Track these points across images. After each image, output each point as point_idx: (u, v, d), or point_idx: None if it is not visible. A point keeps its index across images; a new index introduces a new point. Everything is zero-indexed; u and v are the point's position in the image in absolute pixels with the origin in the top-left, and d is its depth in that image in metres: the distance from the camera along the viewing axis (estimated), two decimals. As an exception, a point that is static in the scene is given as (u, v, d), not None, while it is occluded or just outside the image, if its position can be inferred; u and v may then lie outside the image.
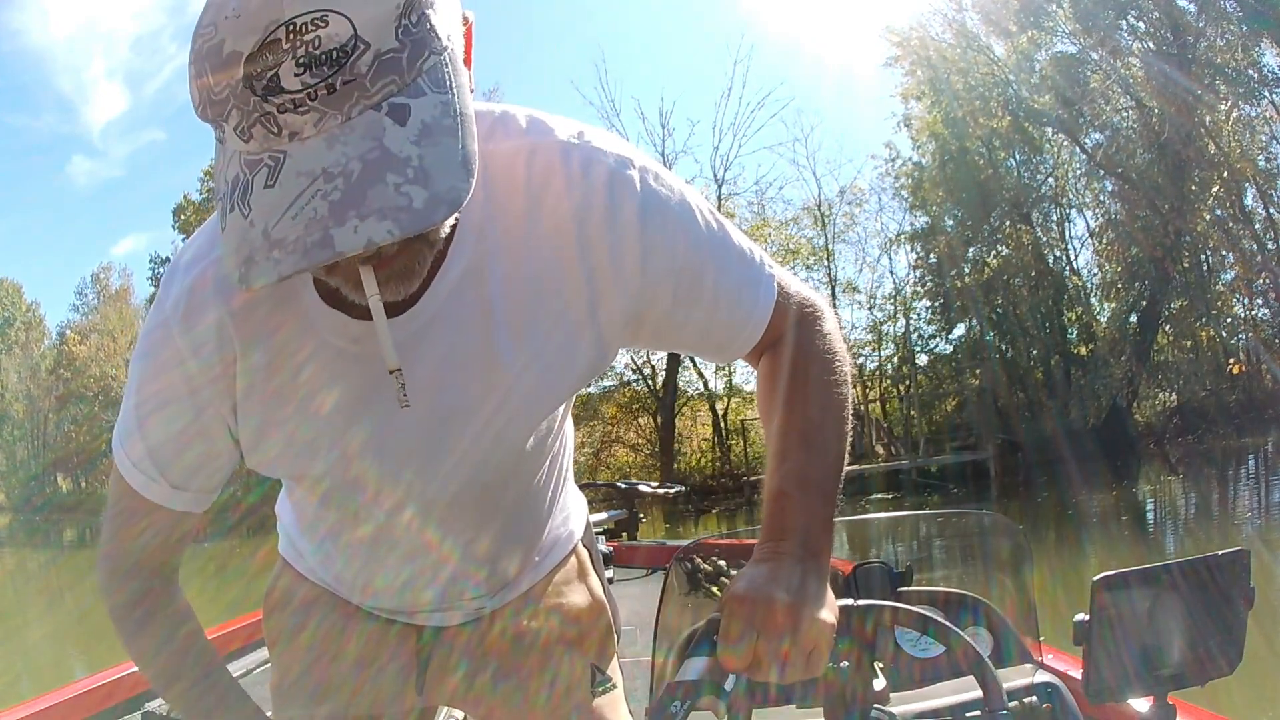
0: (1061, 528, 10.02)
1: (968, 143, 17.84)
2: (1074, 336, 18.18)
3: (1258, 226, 16.08)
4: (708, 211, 0.80)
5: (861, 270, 20.25)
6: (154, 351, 0.77)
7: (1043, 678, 1.03)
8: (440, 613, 1.01)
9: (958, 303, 18.38)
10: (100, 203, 47.53)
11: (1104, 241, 17.96)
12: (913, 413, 19.50)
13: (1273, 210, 15.87)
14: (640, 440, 20.14)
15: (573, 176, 0.74)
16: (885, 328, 19.89)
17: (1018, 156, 18.36)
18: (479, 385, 0.79)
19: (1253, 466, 13.50)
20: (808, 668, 0.65)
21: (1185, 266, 16.50)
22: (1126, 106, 16.85)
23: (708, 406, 19.74)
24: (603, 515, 4.71)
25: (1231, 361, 16.05)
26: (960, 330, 19.07)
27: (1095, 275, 18.41)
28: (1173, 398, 16.87)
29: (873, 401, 19.40)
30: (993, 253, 18.29)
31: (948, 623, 0.74)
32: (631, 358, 18.75)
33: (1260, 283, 16.09)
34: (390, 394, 0.74)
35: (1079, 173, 18.15)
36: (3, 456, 32.33)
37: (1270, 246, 15.89)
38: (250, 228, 0.57)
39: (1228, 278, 16.70)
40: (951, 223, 18.55)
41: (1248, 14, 15.11)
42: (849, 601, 0.73)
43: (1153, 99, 15.93)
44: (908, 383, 19.70)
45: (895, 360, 20.06)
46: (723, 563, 1.87)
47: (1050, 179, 18.33)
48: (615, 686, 1.05)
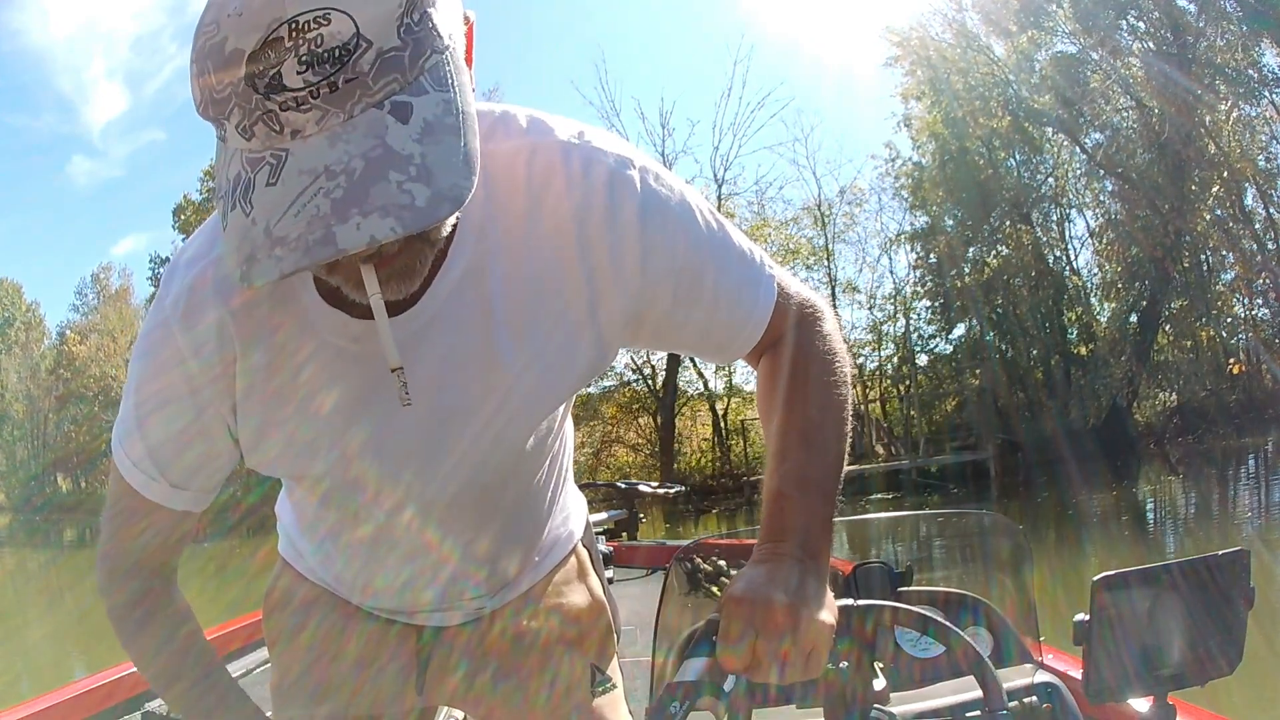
0: (1061, 528, 10.01)
1: (968, 143, 17.82)
2: (1074, 336, 18.17)
3: (1258, 226, 16.07)
4: (708, 212, 0.80)
5: (861, 270, 20.28)
6: (154, 351, 0.77)
7: (1043, 678, 1.03)
8: (440, 613, 1.01)
9: (958, 303, 18.37)
10: (100, 203, 47.63)
11: (1104, 241, 17.96)
12: (913, 413, 19.49)
13: (1273, 210, 15.87)
14: (640, 440, 20.14)
15: (573, 176, 0.74)
16: (885, 328, 19.91)
17: (1018, 156, 18.35)
18: (479, 385, 0.79)
19: (1253, 466, 13.48)
20: (807, 668, 0.65)
21: (1185, 266, 16.49)
22: (1126, 106, 16.84)
23: (708, 406, 19.73)
24: (603, 515, 4.72)
25: (1231, 361, 16.03)
26: (960, 330, 19.09)
27: (1095, 275, 18.43)
28: (1173, 398, 16.86)
29: (873, 401, 19.39)
30: (993, 253, 18.28)
31: (948, 623, 0.74)
32: (631, 358, 18.74)
33: (1260, 283, 16.08)
34: (390, 394, 0.74)
35: (1079, 173, 18.16)
36: (3, 456, 32.32)
37: (1270, 246, 15.89)
38: (252, 225, 0.57)
39: (1228, 278, 16.70)
40: (951, 223, 18.54)
41: (1248, 14, 15.10)
42: (849, 601, 0.73)
43: (1153, 99, 15.92)
44: (908, 383, 19.69)
45: (895, 360, 20.06)
46: (723, 563, 1.87)
47: (1050, 179, 18.32)
48: (615, 686, 1.05)
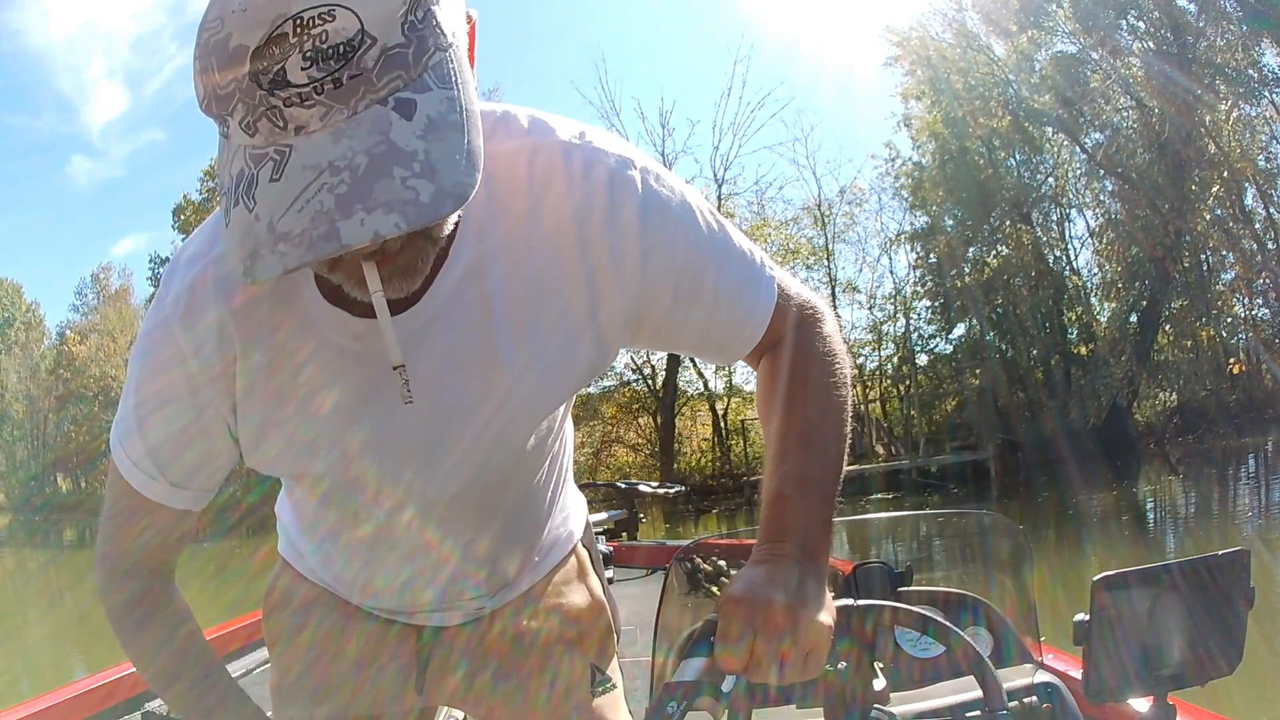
0: (1061, 528, 10.01)
1: (968, 142, 17.83)
2: (1074, 336, 18.17)
3: (1258, 226, 16.07)
4: (708, 212, 0.80)
5: (861, 270, 20.29)
6: (154, 350, 0.77)
7: (1043, 678, 1.03)
8: (440, 613, 1.01)
9: (958, 303, 18.37)
10: (100, 203, 47.63)
11: (1104, 241, 17.96)
12: (913, 413, 19.48)
13: (1273, 210, 15.87)
14: (640, 440, 20.14)
15: (574, 176, 0.74)
16: (885, 328, 19.91)
17: (1018, 156, 18.35)
18: (479, 385, 0.79)
19: (1253, 466, 13.49)
20: (806, 669, 0.65)
21: (1185, 266, 16.49)
22: (1126, 106, 16.84)
23: (708, 406, 19.73)
24: (603, 515, 4.71)
25: (1231, 361, 16.03)
26: (960, 330, 19.10)
27: (1095, 275, 18.43)
28: (1173, 398, 16.86)
29: (873, 401, 19.39)
30: (993, 253, 18.28)
31: (948, 623, 0.74)
32: (631, 358, 18.74)
33: (1260, 283, 16.08)
34: (391, 393, 0.73)
35: (1079, 173, 18.16)
36: (3, 456, 32.31)
37: (1270, 246, 15.89)
38: (255, 221, 0.56)
39: (1228, 278, 16.71)
40: (951, 222, 18.55)
41: (1248, 14, 15.10)
42: (849, 601, 0.73)
43: (1153, 99, 15.92)
44: (908, 383, 19.69)
45: (895, 360, 20.07)
46: (723, 563, 1.87)
47: (1050, 179, 18.33)
48: (615, 686, 1.05)
